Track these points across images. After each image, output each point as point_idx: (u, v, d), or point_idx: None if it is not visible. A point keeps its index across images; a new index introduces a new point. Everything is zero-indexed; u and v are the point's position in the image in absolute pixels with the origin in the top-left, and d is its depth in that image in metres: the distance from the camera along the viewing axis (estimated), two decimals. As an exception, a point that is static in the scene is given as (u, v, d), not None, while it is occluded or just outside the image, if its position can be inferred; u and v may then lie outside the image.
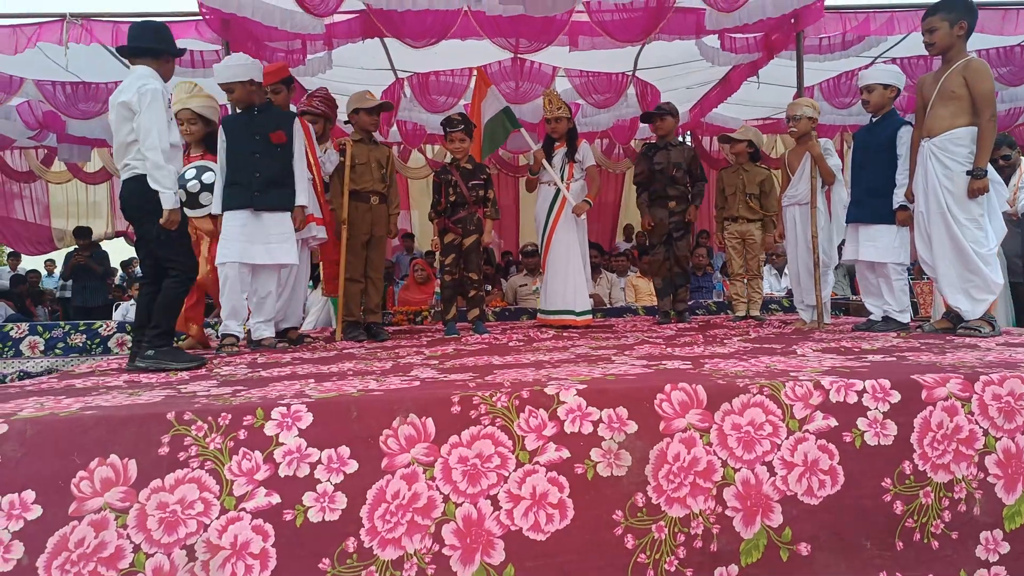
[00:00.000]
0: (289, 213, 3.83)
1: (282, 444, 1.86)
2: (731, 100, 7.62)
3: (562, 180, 4.82)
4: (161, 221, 2.98)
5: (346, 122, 4.63)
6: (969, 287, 3.37)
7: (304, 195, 3.91)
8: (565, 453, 1.94)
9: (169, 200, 2.97)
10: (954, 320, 3.50)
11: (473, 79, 6.58)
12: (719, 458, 1.97)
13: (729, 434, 1.99)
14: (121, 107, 2.98)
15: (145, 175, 2.97)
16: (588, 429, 1.97)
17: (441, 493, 1.88)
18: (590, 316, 4.90)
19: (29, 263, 11.30)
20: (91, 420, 1.84)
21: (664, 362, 2.61)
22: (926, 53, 3.68)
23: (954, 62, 3.39)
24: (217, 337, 3.97)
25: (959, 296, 3.41)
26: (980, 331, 3.30)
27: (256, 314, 3.91)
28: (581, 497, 1.92)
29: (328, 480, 1.85)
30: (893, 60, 6.62)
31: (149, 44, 3.12)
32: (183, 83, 4.22)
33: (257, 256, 3.73)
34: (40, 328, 5.70)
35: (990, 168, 3.35)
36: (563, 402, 1.99)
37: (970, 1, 3.42)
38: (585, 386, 2.04)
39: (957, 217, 3.34)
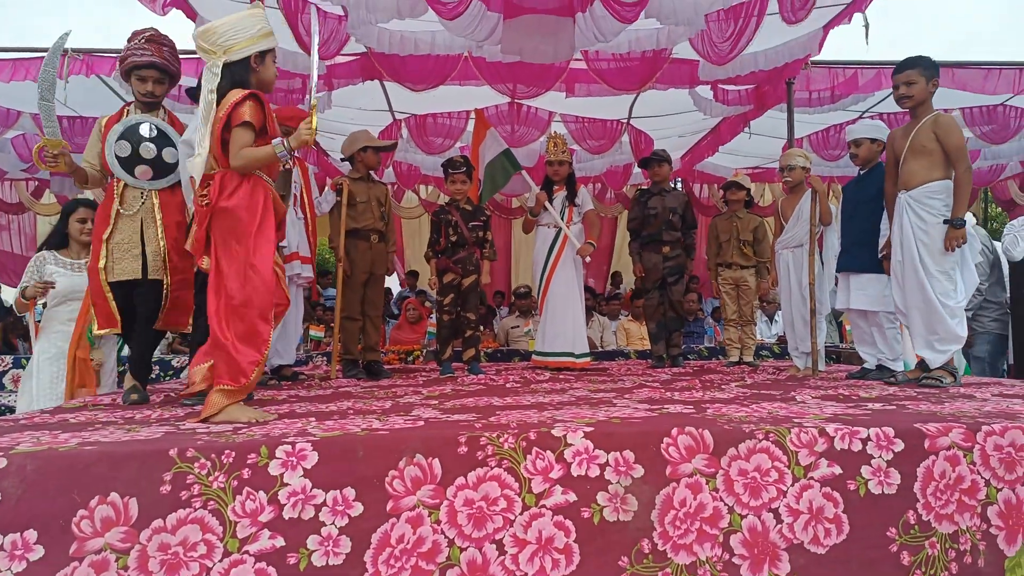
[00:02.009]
0: None
1: (287, 484, 1.83)
2: (722, 149, 7.77)
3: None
4: None
5: (343, 159, 4.67)
6: (933, 339, 3.41)
7: None
8: (572, 496, 1.93)
9: None
10: (925, 369, 3.54)
11: (471, 122, 6.69)
12: (725, 504, 1.97)
13: (735, 480, 1.99)
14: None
15: None
16: (595, 472, 1.96)
17: (446, 537, 1.86)
18: (589, 359, 4.91)
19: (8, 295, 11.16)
20: (91, 456, 1.81)
21: (666, 406, 2.61)
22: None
23: (923, 117, 3.48)
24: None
25: (923, 347, 3.46)
26: (942, 381, 3.34)
27: None
28: (587, 542, 1.90)
29: (333, 523, 1.82)
30: (880, 115, 6.80)
31: None
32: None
33: None
34: (24, 361, 5.61)
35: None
36: (570, 444, 1.98)
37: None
38: (592, 428, 2.03)
39: (929, 268, 3.39)
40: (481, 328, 6.02)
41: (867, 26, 5.10)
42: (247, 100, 2.48)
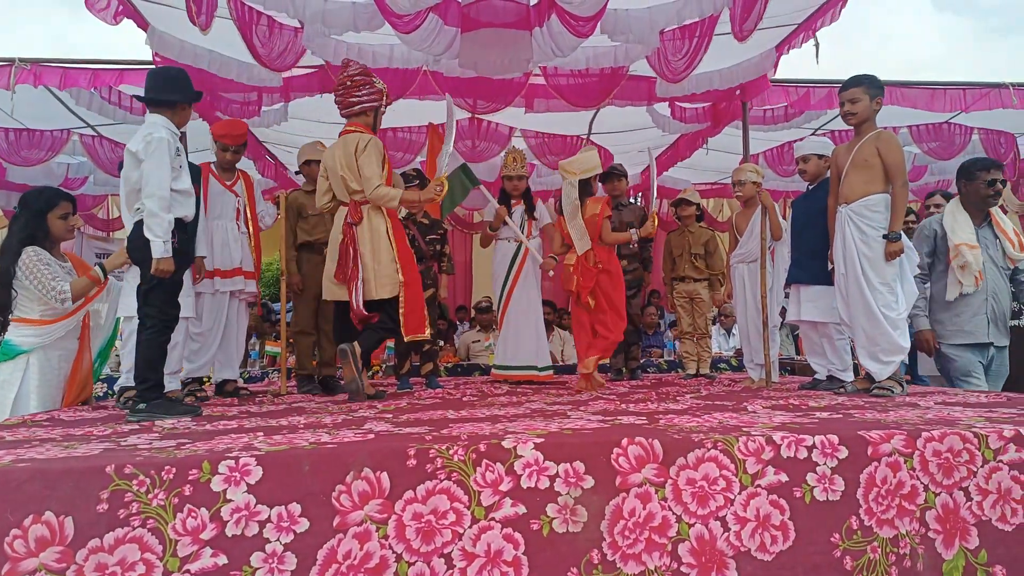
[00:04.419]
0: None
1: (230, 501, 1.79)
2: (680, 164, 7.90)
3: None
4: (151, 269, 2.95)
5: (297, 172, 4.64)
6: (877, 350, 3.48)
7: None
8: (521, 508, 1.92)
9: (159, 249, 2.93)
10: (870, 379, 3.62)
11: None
12: (674, 513, 1.98)
13: (684, 489, 2.01)
14: (129, 156, 3.02)
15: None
16: (545, 484, 1.95)
17: (394, 552, 1.84)
18: (551, 372, 4.92)
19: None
20: (24, 474, 1.75)
21: (620, 417, 2.62)
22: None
23: (866, 134, 3.58)
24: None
25: (867, 359, 3.54)
26: (892, 391, 3.42)
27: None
28: (537, 555, 1.90)
29: (278, 540, 1.78)
30: (832, 132, 6.99)
31: (161, 95, 3.10)
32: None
33: None
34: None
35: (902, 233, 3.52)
36: (520, 456, 1.98)
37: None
38: (542, 439, 2.03)
39: (871, 281, 3.47)
40: (440, 343, 6.00)
41: (818, 46, 5.26)
42: (608, 206, 4.36)
